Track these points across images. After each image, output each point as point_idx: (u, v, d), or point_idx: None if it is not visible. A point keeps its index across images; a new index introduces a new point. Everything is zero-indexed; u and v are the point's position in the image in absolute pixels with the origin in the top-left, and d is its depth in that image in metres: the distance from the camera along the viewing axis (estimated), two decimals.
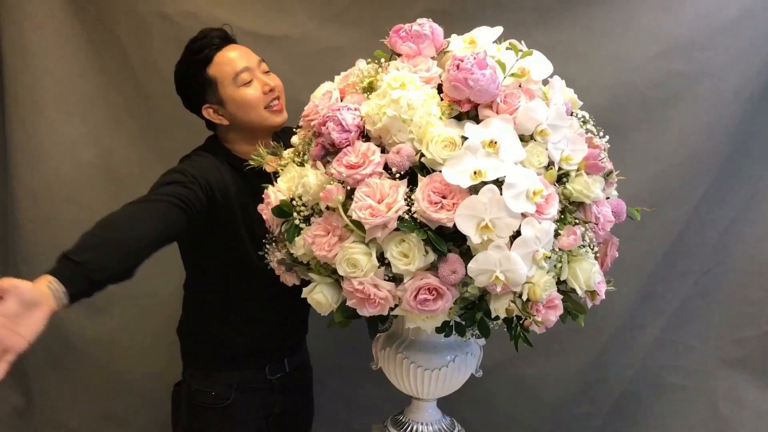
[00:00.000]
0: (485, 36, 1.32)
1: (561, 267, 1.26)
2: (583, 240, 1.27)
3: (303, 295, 1.33)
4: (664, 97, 1.96)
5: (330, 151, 1.29)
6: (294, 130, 1.49)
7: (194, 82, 1.60)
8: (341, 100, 1.34)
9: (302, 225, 1.31)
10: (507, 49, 1.31)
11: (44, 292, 1.12)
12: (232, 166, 1.59)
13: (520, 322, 1.24)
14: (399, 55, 1.35)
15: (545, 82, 1.32)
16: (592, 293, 1.31)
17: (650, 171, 1.97)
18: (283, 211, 1.33)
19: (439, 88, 1.28)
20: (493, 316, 1.24)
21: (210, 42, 1.60)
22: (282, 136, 1.66)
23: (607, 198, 1.38)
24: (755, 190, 1.99)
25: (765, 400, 2.05)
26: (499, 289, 1.17)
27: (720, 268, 2.04)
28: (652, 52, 1.94)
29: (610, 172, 1.37)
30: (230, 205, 1.55)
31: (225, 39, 1.62)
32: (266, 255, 1.42)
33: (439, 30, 1.34)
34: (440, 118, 1.23)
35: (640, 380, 2.12)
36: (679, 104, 1.95)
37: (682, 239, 2.02)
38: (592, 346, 2.10)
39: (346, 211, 1.22)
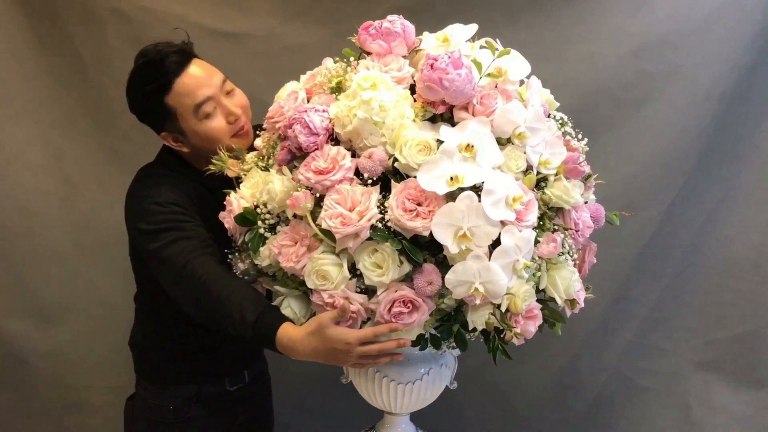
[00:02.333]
0: (459, 34, 1.28)
1: (540, 276, 1.22)
2: (563, 247, 1.23)
3: None
4: (635, 98, 1.94)
5: (297, 156, 1.24)
6: (257, 132, 1.41)
7: (151, 111, 1.46)
8: (308, 101, 1.29)
9: (267, 234, 1.26)
10: (482, 47, 1.26)
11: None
12: (197, 181, 1.49)
13: (500, 334, 1.19)
14: (368, 53, 1.30)
15: (521, 82, 1.28)
16: (572, 302, 1.27)
17: (622, 172, 1.95)
18: (246, 219, 1.27)
19: (412, 89, 1.23)
20: (470, 328, 1.19)
21: (168, 68, 1.42)
22: None
23: (585, 202, 1.34)
24: (727, 191, 1.98)
25: (737, 401, 2.05)
26: (477, 301, 1.12)
27: (692, 270, 2.04)
28: (623, 52, 1.92)
29: (589, 176, 1.33)
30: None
31: (183, 59, 1.44)
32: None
33: (410, 27, 1.29)
34: (414, 121, 1.18)
35: (613, 384, 2.11)
36: (651, 104, 1.94)
37: (654, 241, 2.01)
38: (564, 351, 2.09)
39: (314, 219, 1.18)
